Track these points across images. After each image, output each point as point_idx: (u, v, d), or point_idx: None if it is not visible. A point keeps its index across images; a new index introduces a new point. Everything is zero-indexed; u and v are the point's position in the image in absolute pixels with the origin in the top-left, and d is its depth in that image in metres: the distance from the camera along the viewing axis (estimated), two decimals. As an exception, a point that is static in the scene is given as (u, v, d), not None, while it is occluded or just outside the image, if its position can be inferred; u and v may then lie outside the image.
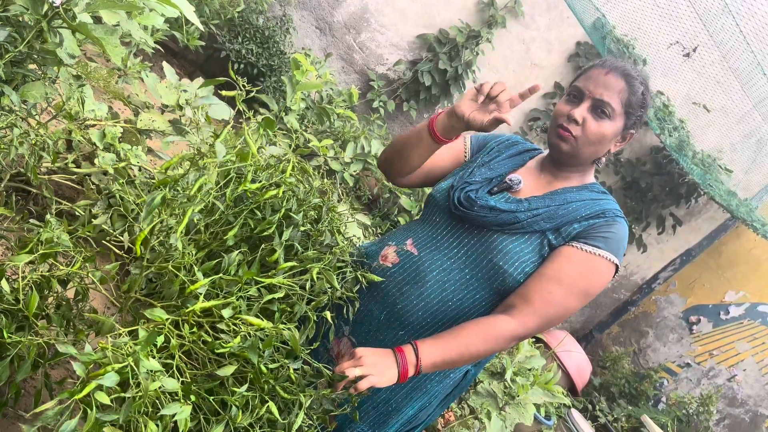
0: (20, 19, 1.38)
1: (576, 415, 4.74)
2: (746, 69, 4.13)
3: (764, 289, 5.90)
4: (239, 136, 1.86)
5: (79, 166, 2.28)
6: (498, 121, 1.46)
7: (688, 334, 6.30)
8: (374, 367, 1.34)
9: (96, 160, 2.18)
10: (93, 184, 2.25)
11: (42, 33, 1.38)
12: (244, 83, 1.61)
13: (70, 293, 1.58)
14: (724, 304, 6.11)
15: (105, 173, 2.31)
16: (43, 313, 1.48)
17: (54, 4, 1.33)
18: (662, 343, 6.45)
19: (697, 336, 6.23)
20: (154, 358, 1.19)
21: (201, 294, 1.30)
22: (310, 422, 1.36)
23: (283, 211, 1.49)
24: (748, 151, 5.55)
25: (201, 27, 1.60)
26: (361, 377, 1.32)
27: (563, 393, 2.61)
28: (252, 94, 1.70)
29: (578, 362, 5.13)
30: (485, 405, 2.27)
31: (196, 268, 1.32)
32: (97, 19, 1.68)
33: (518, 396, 2.30)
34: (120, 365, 1.09)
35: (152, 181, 2.49)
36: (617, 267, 1.49)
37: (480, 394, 2.35)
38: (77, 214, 2.23)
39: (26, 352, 1.39)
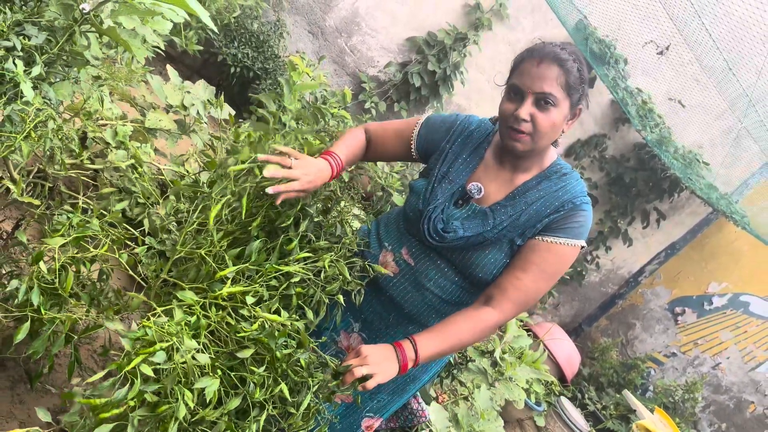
0: (52, 24, 1.53)
1: (566, 402, 4.91)
2: (720, 68, 4.31)
3: (746, 280, 6.10)
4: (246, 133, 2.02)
5: (92, 164, 2.42)
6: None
7: (673, 324, 6.50)
8: (378, 365, 1.45)
9: (109, 156, 2.33)
10: (106, 179, 2.40)
11: (72, 36, 1.53)
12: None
13: (93, 275, 1.72)
14: (708, 295, 6.31)
15: (116, 169, 2.46)
16: (72, 292, 1.63)
17: (84, 11, 1.48)
18: (649, 334, 6.65)
19: (682, 326, 6.42)
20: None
21: (229, 279, 1.45)
22: (317, 401, 1.50)
23: (299, 206, 1.64)
24: (727, 147, 5.75)
25: (215, 29, 1.75)
26: (366, 375, 1.44)
27: (547, 370, 2.77)
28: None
29: (567, 352, 5.30)
30: (476, 380, 2.43)
31: (227, 257, 1.47)
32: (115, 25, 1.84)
33: (507, 372, 2.47)
34: (167, 344, 1.25)
35: (161, 177, 2.63)
36: (582, 247, 1.62)
37: (471, 371, 2.51)
38: (92, 207, 2.37)
39: (62, 327, 1.53)
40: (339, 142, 1.79)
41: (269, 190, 1.47)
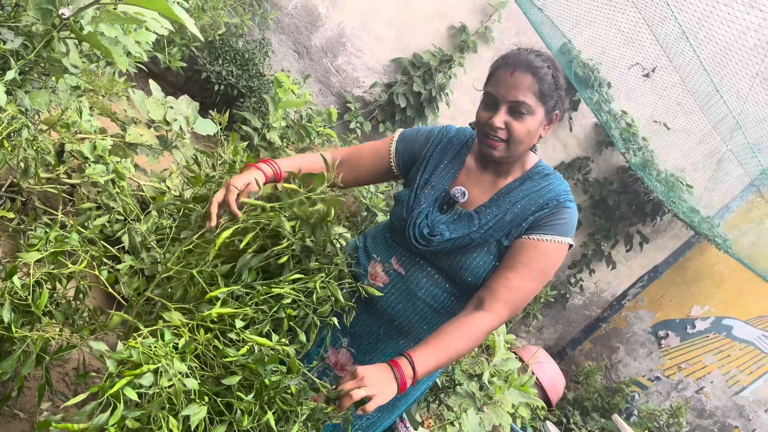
0: (30, 29, 1.47)
1: (551, 427, 4.84)
2: (704, 91, 4.34)
3: (728, 303, 6.11)
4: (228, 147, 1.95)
5: (69, 178, 2.34)
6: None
7: (657, 348, 6.48)
8: (377, 386, 1.37)
9: (87, 171, 2.25)
10: (83, 194, 2.32)
11: (50, 42, 1.47)
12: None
13: (69, 292, 1.64)
14: (691, 318, 6.31)
15: (94, 184, 2.38)
16: (46, 309, 1.54)
17: (63, 16, 1.42)
18: (633, 357, 6.61)
19: (665, 350, 6.40)
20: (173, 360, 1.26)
21: (219, 300, 1.37)
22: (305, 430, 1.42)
23: (299, 237, 1.57)
24: (710, 170, 5.80)
25: (202, 38, 1.70)
26: (364, 397, 1.35)
27: (535, 394, 2.71)
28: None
29: (552, 376, 5.25)
30: (464, 404, 2.37)
31: (220, 281, 1.39)
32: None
33: (495, 396, 2.40)
34: (154, 366, 1.16)
35: (141, 193, 2.56)
36: (570, 245, 1.60)
37: (459, 395, 2.45)
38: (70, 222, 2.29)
39: (33, 347, 1.44)
40: (290, 159, 1.79)
41: None
